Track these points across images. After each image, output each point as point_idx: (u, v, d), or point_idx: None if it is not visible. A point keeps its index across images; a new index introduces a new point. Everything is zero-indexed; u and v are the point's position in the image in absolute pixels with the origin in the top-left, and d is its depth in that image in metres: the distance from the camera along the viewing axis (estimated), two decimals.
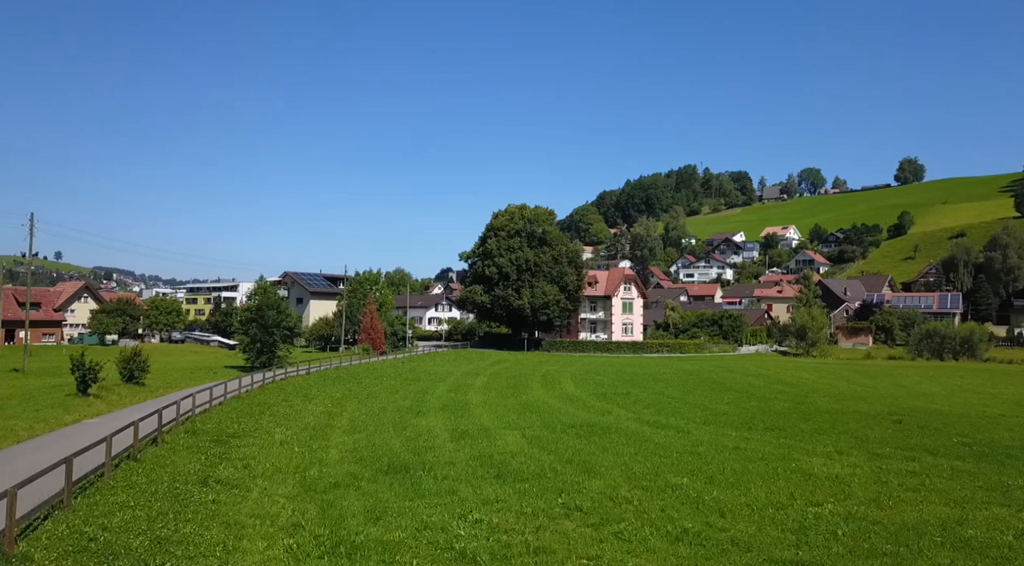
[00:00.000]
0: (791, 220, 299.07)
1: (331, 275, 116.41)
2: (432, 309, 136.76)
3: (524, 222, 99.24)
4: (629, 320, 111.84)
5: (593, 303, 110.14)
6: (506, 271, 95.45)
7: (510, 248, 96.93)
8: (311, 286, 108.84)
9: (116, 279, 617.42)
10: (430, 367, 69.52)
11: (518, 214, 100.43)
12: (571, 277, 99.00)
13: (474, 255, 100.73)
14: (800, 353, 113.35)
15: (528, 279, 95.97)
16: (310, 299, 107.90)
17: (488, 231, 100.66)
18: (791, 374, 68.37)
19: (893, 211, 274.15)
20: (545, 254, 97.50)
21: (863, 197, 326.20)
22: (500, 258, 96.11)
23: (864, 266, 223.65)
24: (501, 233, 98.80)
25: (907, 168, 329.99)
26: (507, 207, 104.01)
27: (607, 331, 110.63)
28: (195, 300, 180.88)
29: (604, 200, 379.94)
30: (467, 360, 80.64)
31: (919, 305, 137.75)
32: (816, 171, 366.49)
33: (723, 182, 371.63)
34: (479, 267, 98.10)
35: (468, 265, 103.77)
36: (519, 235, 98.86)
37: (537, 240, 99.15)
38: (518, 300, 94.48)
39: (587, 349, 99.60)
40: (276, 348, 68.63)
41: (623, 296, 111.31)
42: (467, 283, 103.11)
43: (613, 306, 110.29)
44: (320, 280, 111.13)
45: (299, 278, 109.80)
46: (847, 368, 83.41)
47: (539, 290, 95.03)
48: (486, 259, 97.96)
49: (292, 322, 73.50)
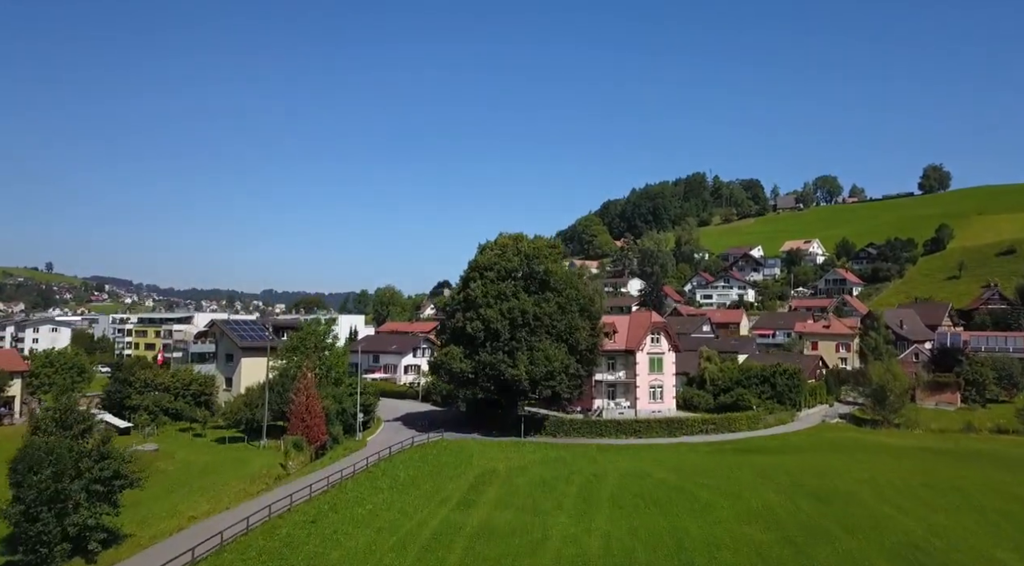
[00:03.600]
0: (809, 232, 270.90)
1: (282, 322, 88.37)
2: (409, 355, 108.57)
3: (520, 259, 71.22)
4: (658, 381, 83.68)
5: (611, 360, 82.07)
6: (495, 327, 67.47)
7: (501, 295, 68.94)
8: (244, 339, 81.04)
9: (108, 291, 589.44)
10: (360, 511, 42.02)
11: (512, 248, 72.39)
12: (584, 333, 70.99)
13: (453, 303, 72.64)
14: (878, 419, 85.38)
15: (525, 338, 67.97)
16: (241, 357, 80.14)
17: (471, 271, 72.66)
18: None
19: (924, 223, 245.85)
20: (549, 302, 69.53)
21: (886, 207, 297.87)
22: (487, 309, 68.12)
23: (902, 286, 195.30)
24: (489, 274, 70.81)
25: (932, 176, 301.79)
26: (497, 238, 76.10)
27: (630, 397, 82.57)
28: (144, 333, 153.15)
29: (608, 210, 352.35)
30: (432, 476, 52.68)
31: (1007, 347, 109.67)
32: (833, 179, 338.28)
33: (734, 191, 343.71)
34: (459, 321, 70.01)
35: (445, 313, 75.52)
36: (513, 276, 70.88)
37: (538, 283, 71.14)
38: (512, 369, 66.53)
39: (606, 431, 71.47)
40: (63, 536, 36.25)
41: (650, 350, 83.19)
42: (442, 340, 74.99)
43: (638, 364, 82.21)
44: (256, 331, 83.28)
45: (229, 329, 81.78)
46: (974, 456, 56.27)
47: (540, 354, 67.05)
48: (468, 310, 69.94)
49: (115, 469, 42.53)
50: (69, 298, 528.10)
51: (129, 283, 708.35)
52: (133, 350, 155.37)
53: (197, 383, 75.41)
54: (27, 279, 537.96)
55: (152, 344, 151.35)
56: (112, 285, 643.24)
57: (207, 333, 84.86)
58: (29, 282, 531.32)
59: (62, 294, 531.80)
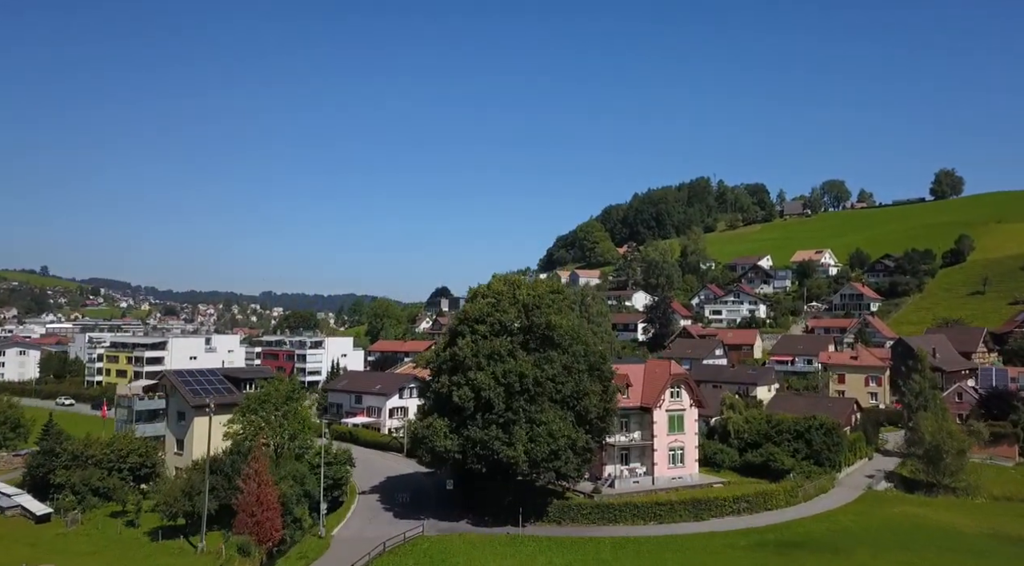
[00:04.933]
0: (819, 239, 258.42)
1: (245, 372, 75.38)
2: (395, 396, 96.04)
3: (518, 310, 58.64)
4: (678, 443, 71.18)
5: (624, 418, 69.55)
6: (487, 396, 54.94)
7: (495, 355, 56.42)
8: (198, 395, 68.37)
9: (104, 294, 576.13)
10: None
11: (507, 295, 59.84)
12: (594, 398, 58.50)
13: (437, 360, 59.98)
14: (933, 483, 73.03)
15: (524, 408, 55.48)
16: (194, 416, 67.67)
17: (459, 323, 60.11)
18: None
19: (939, 232, 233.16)
20: (552, 363, 57.08)
21: (897, 213, 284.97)
22: (478, 372, 55.62)
23: (922, 302, 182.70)
24: (480, 327, 58.28)
25: (944, 181, 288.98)
26: (490, 281, 63.63)
27: (646, 461, 70.15)
28: (116, 358, 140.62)
29: (610, 215, 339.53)
30: None
31: None
32: (840, 183, 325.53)
33: (739, 196, 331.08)
34: (443, 385, 57.45)
35: (429, 369, 62.81)
36: (509, 331, 58.33)
37: (539, 339, 58.60)
38: (507, 448, 54.08)
39: (621, 517, 59.00)
40: None
41: (670, 407, 70.75)
42: (424, 406, 62.37)
43: (655, 423, 69.77)
44: (213, 383, 70.67)
45: (181, 382, 69.07)
46: None
47: (543, 429, 54.63)
48: (455, 372, 57.39)
49: None
50: (64, 303, 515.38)
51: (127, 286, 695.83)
52: (104, 377, 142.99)
53: (136, 453, 63.01)
54: (22, 283, 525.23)
55: (124, 370, 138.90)
56: (109, 288, 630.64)
57: (156, 386, 72.42)
58: (23, 286, 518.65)
59: (56, 298, 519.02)
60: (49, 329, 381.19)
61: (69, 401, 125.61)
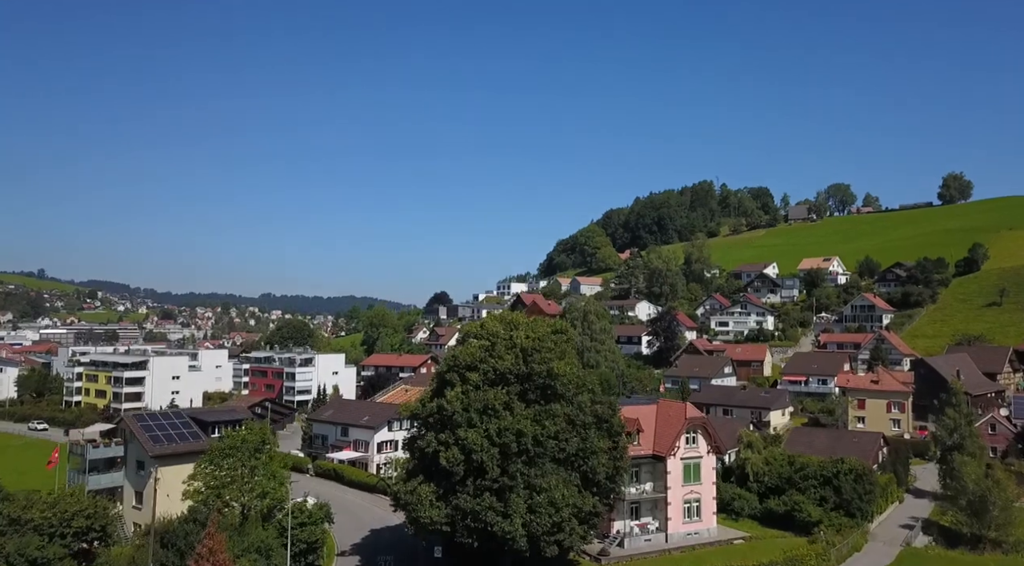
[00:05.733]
0: (825, 246, 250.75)
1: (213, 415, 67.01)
2: (384, 429, 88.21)
3: (515, 356, 50.71)
4: (695, 494, 63.36)
5: (634, 468, 61.72)
6: (480, 460, 47.08)
7: (488, 409, 48.58)
8: (159, 442, 60.21)
9: (101, 297, 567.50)
10: None
11: (503, 336, 51.89)
12: (603, 458, 50.67)
13: (423, 414, 51.99)
14: (977, 534, 65.26)
15: (522, 472, 47.66)
16: (155, 466, 59.76)
17: (448, 370, 52.10)
18: None
19: (950, 238, 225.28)
20: (555, 418, 49.29)
21: (904, 219, 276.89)
22: (469, 431, 47.78)
23: (936, 313, 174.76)
24: (472, 375, 50.37)
25: (952, 185, 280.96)
26: (483, 320, 55.77)
27: (658, 515, 62.36)
28: (95, 377, 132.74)
29: (611, 220, 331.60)
30: None
31: None
32: (845, 187, 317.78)
33: (742, 200, 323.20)
34: (429, 444, 49.57)
35: (414, 423, 54.79)
36: (505, 380, 50.44)
37: (538, 389, 50.71)
38: (503, 520, 46.29)
39: None
40: None
41: (685, 455, 62.94)
42: (408, 466, 54.38)
43: (669, 473, 61.98)
44: (177, 427, 62.37)
45: (140, 428, 60.91)
46: None
47: (544, 497, 46.80)
48: (443, 429, 49.53)
49: None
50: (60, 306, 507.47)
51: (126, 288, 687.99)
52: (83, 397, 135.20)
53: (83, 515, 55.23)
54: (18, 286, 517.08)
55: (103, 391, 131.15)
56: (108, 290, 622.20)
57: (114, 431, 64.48)
58: (20, 289, 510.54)
59: (53, 302, 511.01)
60: (43, 335, 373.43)
61: (42, 426, 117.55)
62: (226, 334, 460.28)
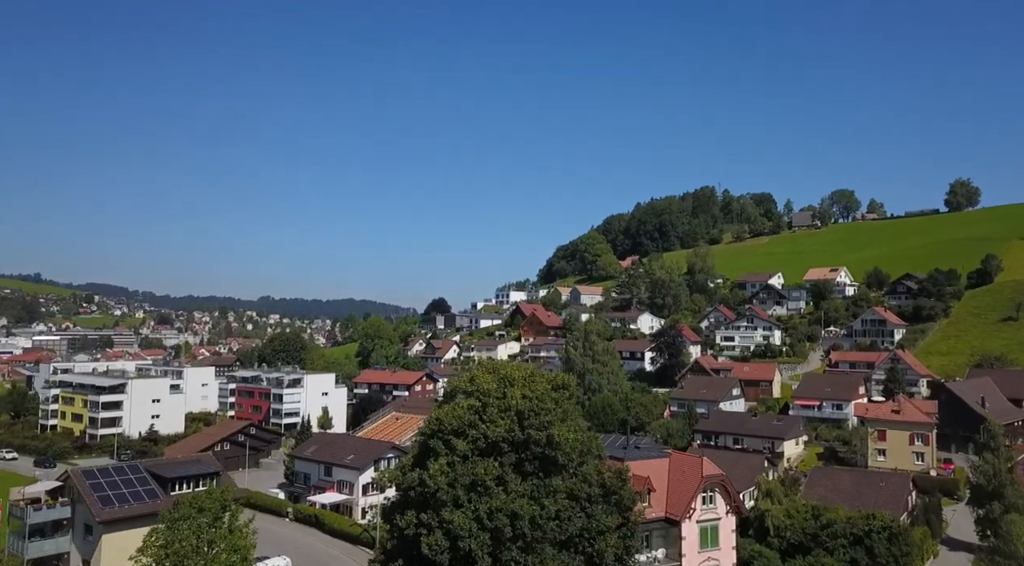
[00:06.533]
0: (831, 254, 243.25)
1: (177, 469, 59.25)
2: (370, 469, 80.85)
3: (509, 419, 43.23)
4: (712, 561, 55.99)
5: (646, 530, 54.33)
6: (467, 547, 39.62)
7: (477, 484, 41.15)
8: (108, 504, 52.79)
9: (98, 301, 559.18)
10: None
11: (496, 398, 44.37)
12: (611, 539, 43.22)
13: (403, 482, 44.57)
14: None
15: (517, 560, 40.20)
16: (102, 533, 52.31)
17: (432, 437, 44.56)
18: None
19: (959, 247, 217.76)
20: (555, 495, 41.85)
21: (911, 226, 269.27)
22: (455, 511, 40.35)
23: (950, 329, 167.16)
24: (459, 443, 42.85)
25: (960, 192, 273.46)
26: (472, 372, 48.37)
27: None
28: (72, 400, 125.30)
29: (612, 226, 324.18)
30: None
31: None
32: (849, 193, 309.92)
33: (745, 205, 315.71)
34: (409, 525, 42.16)
35: (396, 491, 47.42)
36: (498, 448, 42.97)
37: (536, 459, 43.23)
38: None
39: None
40: None
41: (701, 518, 55.59)
42: (386, 544, 46.93)
43: (684, 539, 54.60)
44: (132, 484, 54.98)
45: (89, 488, 53.31)
46: None
47: None
48: (425, 507, 42.10)
49: None
50: (56, 311, 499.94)
51: (124, 291, 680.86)
52: (59, 421, 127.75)
53: None
54: (14, 291, 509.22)
55: (80, 415, 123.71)
56: (105, 294, 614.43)
57: (62, 489, 57.09)
58: (15, 294, 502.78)
59: (49, 306, 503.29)
60: (36, 341, 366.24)
61: (12, 455, 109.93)
62: (222, 339, 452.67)
